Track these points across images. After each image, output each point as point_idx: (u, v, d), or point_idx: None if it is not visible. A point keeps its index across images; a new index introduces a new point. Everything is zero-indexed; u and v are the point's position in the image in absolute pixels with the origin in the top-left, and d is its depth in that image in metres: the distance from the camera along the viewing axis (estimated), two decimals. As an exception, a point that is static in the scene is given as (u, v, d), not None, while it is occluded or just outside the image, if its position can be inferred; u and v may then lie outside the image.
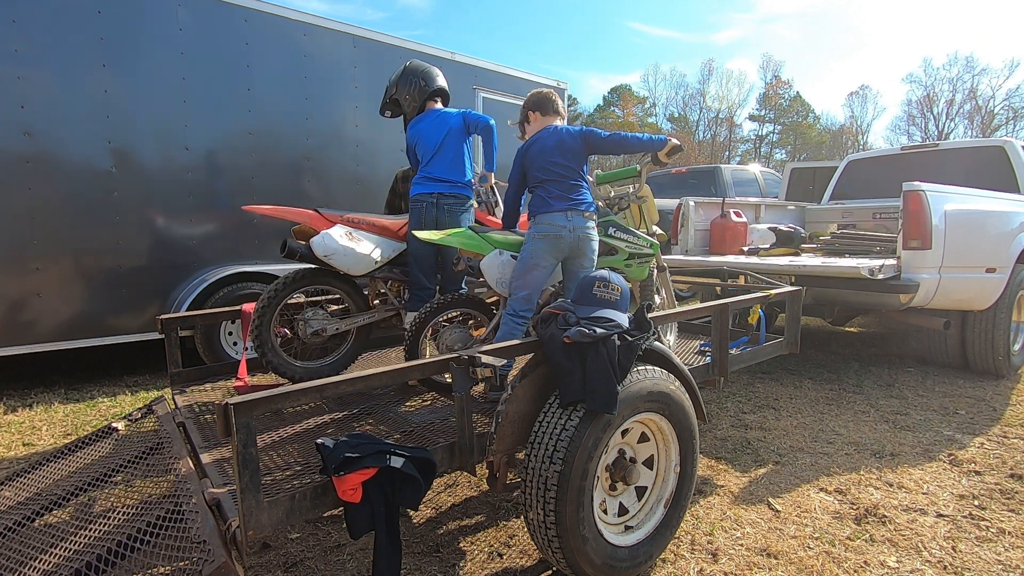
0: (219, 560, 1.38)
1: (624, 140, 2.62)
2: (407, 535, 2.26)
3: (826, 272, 3.93)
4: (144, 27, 4.10)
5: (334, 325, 2.85)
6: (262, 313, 2.66)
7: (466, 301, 2.75)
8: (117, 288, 4.12)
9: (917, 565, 2.06)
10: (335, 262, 2.71)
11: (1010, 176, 4.80)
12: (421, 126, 3.05)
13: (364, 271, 2.85)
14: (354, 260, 2.76)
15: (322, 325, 2.82)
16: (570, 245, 2.54)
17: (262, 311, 2.66)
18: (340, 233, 2.74)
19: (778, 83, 43.77)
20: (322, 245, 2.67)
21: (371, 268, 2.87)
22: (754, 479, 2.74)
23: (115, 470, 2.17)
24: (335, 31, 4.98)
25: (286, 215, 2.80)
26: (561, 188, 2.56)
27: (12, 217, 3.73)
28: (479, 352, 1.82)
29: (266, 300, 2.67)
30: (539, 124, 2.75)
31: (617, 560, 1.87)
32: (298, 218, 2.81)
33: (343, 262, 2.73)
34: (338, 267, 2.74)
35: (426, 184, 2.96)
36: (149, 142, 4.19)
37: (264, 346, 2.67)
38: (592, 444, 1.75)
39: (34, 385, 4.31)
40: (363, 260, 2.80)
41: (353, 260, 2.76)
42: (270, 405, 1.48)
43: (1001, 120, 35.90)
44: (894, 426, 3.39)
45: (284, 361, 2.74)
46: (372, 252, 2.85)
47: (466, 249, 2.61)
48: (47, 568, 1.62)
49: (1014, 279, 4.12)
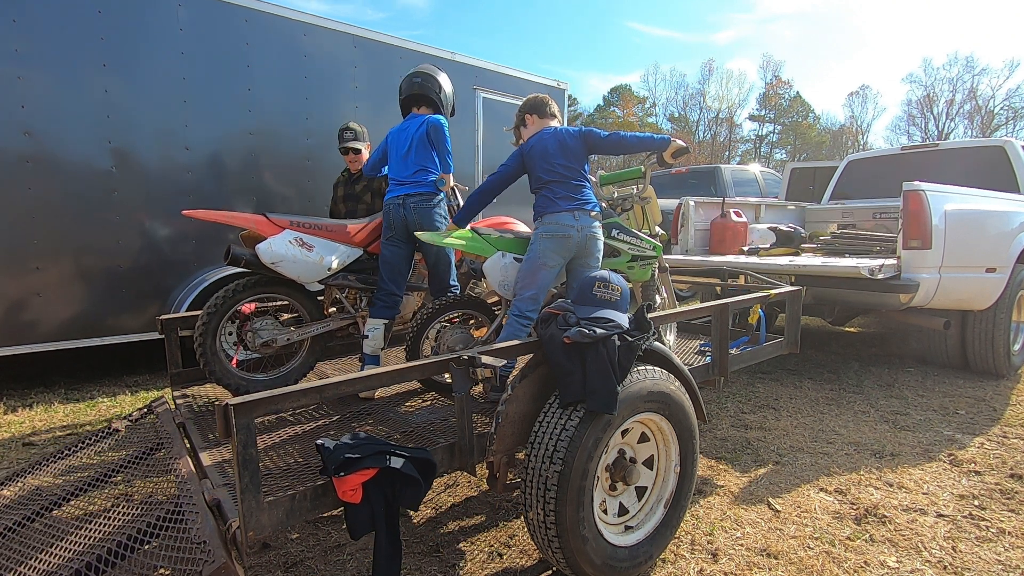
0: (219, 561, 1.38)
1: (624, 140, 2.61)
2: (407, 535, 2.26)
3: (826, 272, 3.93)
4: (144, 27, 4.10)
5: (285, 335, 2.74)
6: (207, 322, 2.55)
7: (467, 302, 2.75)
8: (117, 288, 4.12)
9: (917, 565, 2.06)
10: (283, 269, 2.60)
11: (1010, 176, 4.80)
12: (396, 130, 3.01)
13: (316, 278, 2.73)
14: (304, 267, 2.64)
15: (272, 335, 2.71)
16: (578, 244, 2.54)
17: (207, 321, 2.56)
18: (289, 239, 2.62)
19: (778, 83, 43.75)
20: (269, 252, 2.56)
21: (323, 275, 2.75)
22: (754, 479, 2.74)
23: (115, 470, 2.18)
24: (335, 31, 4.98)
25: (231, 220, 2.66)
26: (567, 189, 2.58)
27: (12, 217, 3.73)
28: (479, 352, 1.82)
29: (211, 309, 2.56)
30: (536, 127, 2.75)
31: (617, 560, 1.87)
32: (244, 223, 2.66)
33: (292, 269, 2.61)
34: (287, 275, 2.62)
35: (394, 188, 2.91)
36: (149, 142, 4.19)
37: (207, 356, 2.56)
38: (592, 444, 1.75)
39: (34, 385, 4.31)
40: (314, 267, 2.68)
41: (303, 267, 2.64)
42: (270, 406, 1.48)
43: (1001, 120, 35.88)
44: (894, 426, 3.39)
45: (228, 372, 2.64)
46: (324, 259, 2.72)
47: (469, 251, 2.60)
48: (47, 568, 1.62)
49: (1014, 279, 4.12)
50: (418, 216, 2.83)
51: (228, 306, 2.61)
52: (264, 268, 2.60)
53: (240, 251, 2.60)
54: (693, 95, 44.32)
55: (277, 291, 2.76)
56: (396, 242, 2.88)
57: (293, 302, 2.84)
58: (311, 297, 2.88)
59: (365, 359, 2.84)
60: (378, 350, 2.84)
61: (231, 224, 2.69)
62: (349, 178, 3.82)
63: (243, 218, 2.67)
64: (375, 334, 2.82)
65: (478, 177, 6.13)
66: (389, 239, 2.89)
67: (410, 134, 2.92)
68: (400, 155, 2.93)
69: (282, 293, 2.78)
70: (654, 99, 45.26)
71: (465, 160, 6.07)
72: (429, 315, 2.61)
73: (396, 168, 2.95)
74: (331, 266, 2.76)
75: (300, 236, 2.68)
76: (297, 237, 2.66)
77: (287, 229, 2.67)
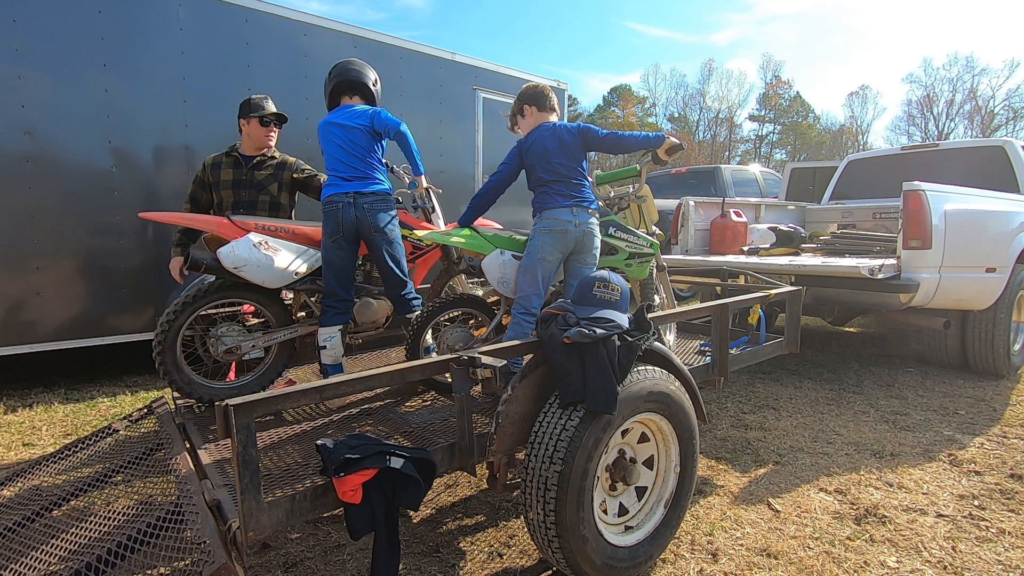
0: (219, 561, 1.38)
1: (621, 139, 2.64)
2: (407, 535, 2.26)
3: (826, 272, 3.93)
4: (144, 27, 4.10)
5: (250, 342, 2.62)
6: (166, 329, 2.45)
7: (467, 301, 2.75)
8: (117, 288, 4.12)
9: (917, 565, 2.06)
10: (247, 274, 2.47)
11: (1010, 176, 4.80)
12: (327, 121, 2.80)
13: (281, 283, 2.61)
14: (269, 272, 2.52)
15: (236, 342, 2.59)
16: (575, 239, 2.56)
17: (166, 326, 2.45)
18: (253, 242, 2.50)
19: (778, 83, 43.79)
20: (231, 256, 2.43)
21: (290, 280, 2.63)
22: (754, 479, 2.74)
23: (115, 470, 2.17)
24: (335, 31, 4.97)
25: (191, 223, 2.54)
26: (566, 187, 2.59)
27: (12, 217, 3.73)
28: (479, 352, 1.82)
29: (172, 315, 2.45)
30: (535, 120, 2.73)
31: (617, 560, 1.87)
32: (205, 226, 2.54)
33: (257, 274, 2.49)
34: (251, 279, 2.50)
35: (340, 184, 2.68)
36: (149, 142, 4.19)
37: (166, 364, 2.46)
38: (592, 444, 1.75)
39: (34, 385, 4.31)
40: (280, 272, 2.56)
41: (268, 272, 2.52)
42: (270, 406, 1.48)
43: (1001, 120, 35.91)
44: (894, 426, 3.39)
45: (188, 380, 2.52)
46: (291, 263, 2.61)
47: (468, 249, 2.61)
48: (47, 568, 1.62)
49: (1014, 279, 4.12)
50: (372, 217, 2.65)
51: (189, 312, 2.49)
52: (227, 273, 2.47)
53: (200, 255, 2.47)
54: (693, 95, 44.42)
55: (243, 296, 2.63)
56: (342, 244, 2.67)
57: (260, 307, 2.71)
58: (279, 302, 2.75)
59: (328, 370, 2.68)
60: (339, 358, 2.68)
61: (192, 226, 2.58)
62: (243, 160, 3.16)
63: (205, 220, 2.57)
64: (332, 343, 2.66)
65: (478, 177, 6.13)
66: (334, 240, 2.67)
67: (352, 125, 2.72)
68: (339, 148, 2.72)
69: (248, 298, 2.65)
70: (654, 99, 45.35)
71: (465, 160, 6.07)
72: (428, 314, 2.61)
73: (335, 162, 2.73)
74: (299, 270, 2.64)
75: (265, 239, 2.57)
76: (262, 240, 2.55)
77: (251, 232, 2.57)
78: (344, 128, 2.72)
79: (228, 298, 2.60)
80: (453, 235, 2.60)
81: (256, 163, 3.17)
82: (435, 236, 2.61)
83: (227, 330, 2.62)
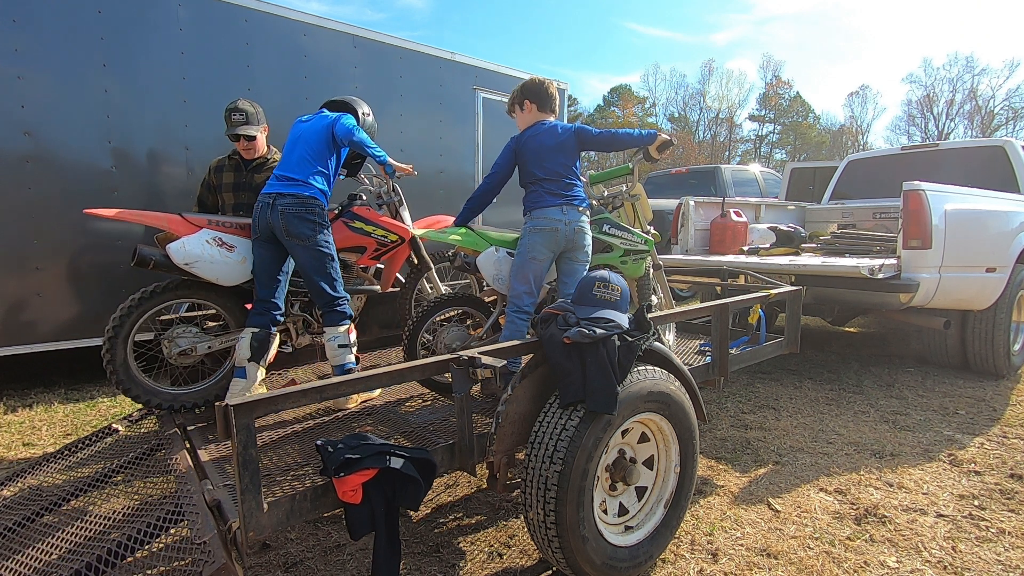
0: (219, 561, 1.38)
1: (614, 137, 2.69)
2: (407, 535, 2.26)
3: (826, 272, 3.93)
4: (144, 27, 4.09)
5: (206, 344, 2.53)
6: (116, 329, 2.34)
7: (464, 299, 2.75)
8: (117, 288, 4.11)
9: (917, 565, 2.06)
10: (199, 271, 2.39)
11: (1010, 176, 4.80)
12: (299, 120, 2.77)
13: (237, 281, 2.53)
14: (224, 268, 2.44)
15: (191, 343, 2.50)
16: (565, 237, 2.56)
17: (116, 327, 2.35)
18: (206, 238, 2.42)
19: (778, 83, 43.75)
20: (182, 252, 2.34)
21: (247, 277, 2.55)
22: (754, 479, 2.73)
23: (115, 470, 2.18)
24: (335, 31, 4.97)
25: (142, 219, 2.46)
26: (558, 186, 2.60)
27: (12, 217, 3.73)
28: (479, 353, 1.82)
29: (119, 318, 2.36)
30: (533, 117, 2.73)
31: (617, 560, 1.87)
32: (157, 223, 2.45)
33: (209, 271, 2.41)
34: (204, 276, 2.42)
35: (272, 183, 2.57)
36: (149, 142, 4.19)
37: (115, 366, 2.35)
38: (592, 444, 1.75)
39: (34, 385, 4.31)
40: (236, 268, 2.48)
41: (222, 268, 2.43)
42: (270, 406, 1.48)
43: (1001, 120, 35.88)
44: (894, 426, 3.39)
45: (139, 385, 2.42)
46: (247, 259, 2.53)
47: (463, 247, 2.62)
48: (47, 568, 1.62)
49: (1014, 279, 4.12)
50: (286, 221, 2.46)
51: (141, 312, 2.40)
52: (177, 270, 2.38)
53: (148, 251, 2.38)
54: (693, 95, 44.37)
55: (197, 295, 2.54)
56: (263, 244, 2.55)
57: (217, 308, 2.63)
58: (238, 302, 2.66)
59: (234, 372, 2.54)
60: (244, 361, 2.50)
61: (143, 223, 2.50)
62: (244, 164, 3.25)
63: (156, 217, 2.48)
64: (240, 343, 2.51)
65: (478, 176, 6.13)
66: (256, 240, 2.56)
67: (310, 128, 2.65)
68: (290, 146, 2.66)
69: (202, 298, 2.56)
70: (654, 99, 45.30)
71: (465, 160, 6.07)
72: (424, 313, 2.61)
73: (282, 161, 2.65)
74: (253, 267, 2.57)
75: (219, 236, 2.48)
76: (216, 236, 2.47)
77: (204, 228, 2.49)
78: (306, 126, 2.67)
79: (181, 298, 2.52)
80: (448, 233, 2.61)
81: (255, 166, 3.23)
82: (432, 234, 2.61)
83: (182, 332, 2.53)
